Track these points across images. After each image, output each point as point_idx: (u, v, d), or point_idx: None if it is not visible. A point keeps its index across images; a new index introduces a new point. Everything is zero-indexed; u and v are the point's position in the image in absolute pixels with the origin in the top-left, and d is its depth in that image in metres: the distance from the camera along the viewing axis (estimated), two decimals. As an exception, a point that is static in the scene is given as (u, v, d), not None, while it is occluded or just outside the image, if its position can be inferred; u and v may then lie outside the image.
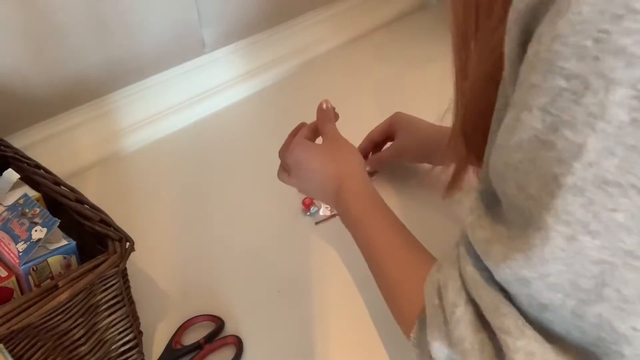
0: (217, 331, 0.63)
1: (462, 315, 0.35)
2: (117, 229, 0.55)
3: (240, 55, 1.07)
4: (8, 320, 0.45)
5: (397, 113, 0.83)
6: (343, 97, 1.06)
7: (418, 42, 1.23)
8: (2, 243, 0.54)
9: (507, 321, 0.32)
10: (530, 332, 0.31)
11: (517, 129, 0.29)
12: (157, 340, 0.63)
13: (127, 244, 0.54)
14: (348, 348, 0.62)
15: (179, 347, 0.62)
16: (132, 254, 0.54)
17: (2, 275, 0.52)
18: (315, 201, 0.79)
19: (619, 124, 0.25)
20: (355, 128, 0.94)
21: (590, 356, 0.30)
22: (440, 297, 0.38)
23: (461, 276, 0.37)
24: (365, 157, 0.84)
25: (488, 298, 0.33)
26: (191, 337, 0.63)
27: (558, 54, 0.26)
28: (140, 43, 0.92)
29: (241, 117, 1.02)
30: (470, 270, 0.35)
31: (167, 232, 0.78)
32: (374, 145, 0.84)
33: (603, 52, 0.25)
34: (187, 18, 0.97)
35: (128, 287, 0.58)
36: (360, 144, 0.84)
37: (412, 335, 0.44)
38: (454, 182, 0.52)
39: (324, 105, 0.71)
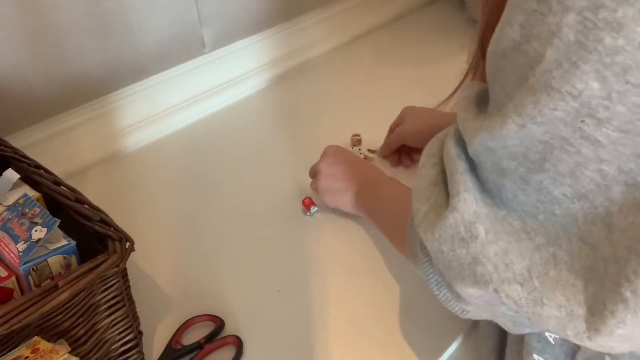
0: (217, 331, 0.63)
1: (426, 172, 0.45)
2: (117, 229, 0.55)
3: (240, 55, 1.07)
4: (8, 320, 0.45)
5: (407, 106, 0.89)
6: (343, 97, 1.06)
7: (418, 42, 1.23)
8: (2, 243, 0.54)
9: (456, 185, 0.41)
10: (470, 194, 0.40)
11: (502, 40, 0.36)
12: (157, 340, 0.63)
13: (127, 244, 0.54)
14: (348, 348, 0.62)
15: (179, 347, 0.62)
16: (132, 254, 0.54)
17: (2, 275, 0.52)
18: (315, 201, 0.79)
19: (567, 42, 0.32)
20: (355, 128, 0.94)
21: (524, 220, 0.39)
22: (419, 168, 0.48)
23: (442, 148, 0.45)
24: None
25: (451, 167, 0.42)
26: (191, 337, 0.63)
27: None
28: (141, 43, 0.92)
29: (241, 117, 1.02)
30: (448, 145, 0.43)
31: (167, 232, 0.78)
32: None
33: None
34: (187, 18, 0.97)
35: (128, 287, 0.58)
36: (383, 144, 0.91)
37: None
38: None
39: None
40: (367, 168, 0.76)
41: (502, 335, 0.56)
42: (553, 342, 0.47)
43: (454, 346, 0.63)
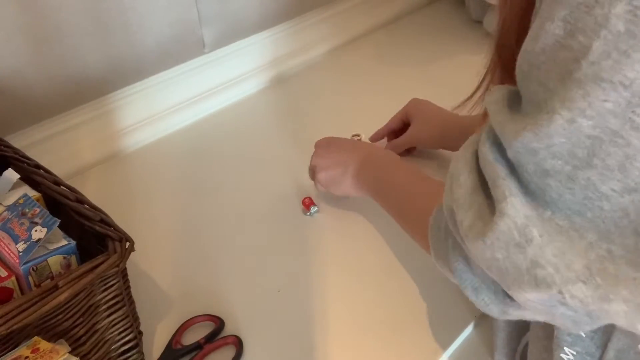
0: (217, 331, 0.63)
1: (464, 180, 0.44)
2: (117, 229, 0.55)
3: (240, 55, 1.07)
4: (8, 320, 0.45)
5: (412, 99, 0.87)
6: (343, 97, 1.06)
7: (418, 42, 1.23)
8: (2, 243, 0.54)
9: (500, 190, 0.40)
10: (517, 198, 0.39)
11: (541, 36, 0.36)
12: (157, 340, 0.63)
13: (127, 243, 0.54)
14: (348, 348, 0.62)
15: (179, 347, 0.62)
16: (132, 254, 0.54)
17: (2, 275, 0.52)
18: (315, 201, 0.79)
19: (616, 32, 0.32)
20: (355, 128, 0.94)
21: (571, 219, 0.38)
22: (452, 177, 0.46)
23: (474, 154, 0.44)
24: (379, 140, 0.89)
25: (491, 172, 0.41)
26: (191, 337, 0.63)
27: None
28: (140, 43, 0.92)
29: (241, 117, 1.03)
30: (484, 150, 0.42)
31: (167, 232, 0.78)
32: (392, 133, 0.89)
33: None
34: (187, 18, 0.97)
35: (128, 287, 0.58)
36: (377, 131, 0.89)
37: (430, 217, 0.53)
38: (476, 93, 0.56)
39: None
40: (360, 146, 0.75)
41: (513, 327, 0.57)
42: (584, 335, 0.47)
43: (455, 345, 0.63)
